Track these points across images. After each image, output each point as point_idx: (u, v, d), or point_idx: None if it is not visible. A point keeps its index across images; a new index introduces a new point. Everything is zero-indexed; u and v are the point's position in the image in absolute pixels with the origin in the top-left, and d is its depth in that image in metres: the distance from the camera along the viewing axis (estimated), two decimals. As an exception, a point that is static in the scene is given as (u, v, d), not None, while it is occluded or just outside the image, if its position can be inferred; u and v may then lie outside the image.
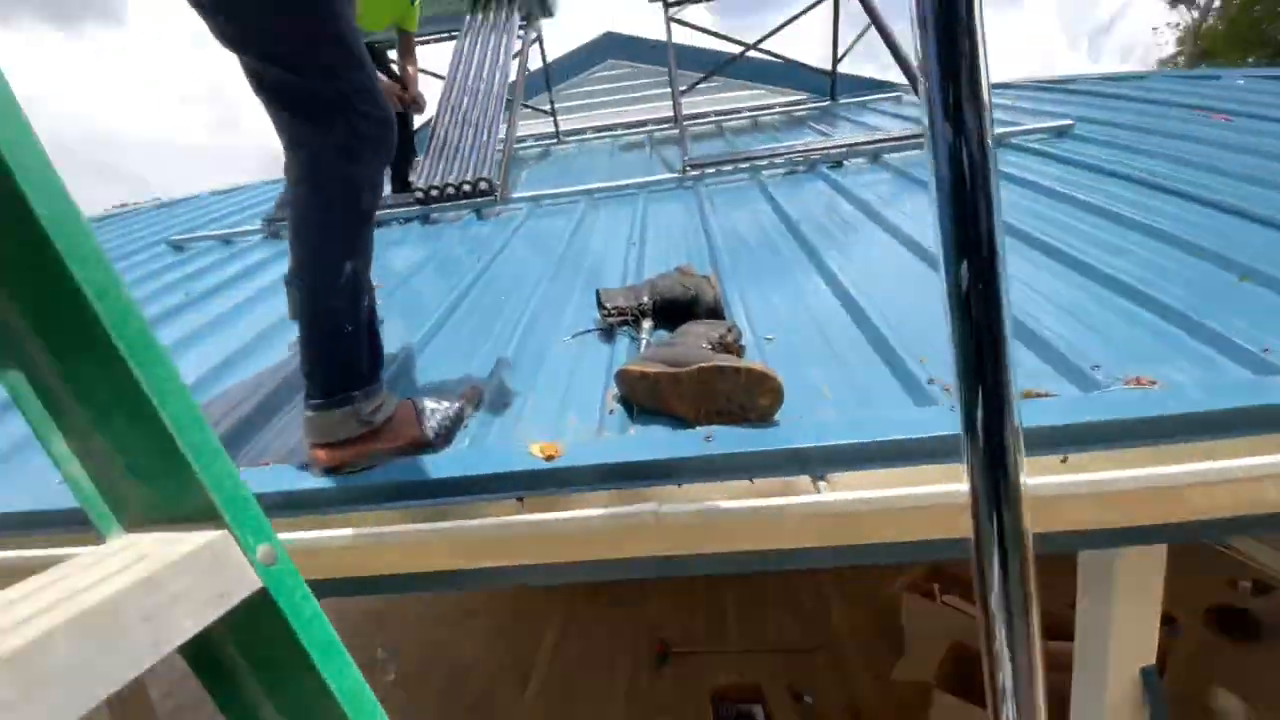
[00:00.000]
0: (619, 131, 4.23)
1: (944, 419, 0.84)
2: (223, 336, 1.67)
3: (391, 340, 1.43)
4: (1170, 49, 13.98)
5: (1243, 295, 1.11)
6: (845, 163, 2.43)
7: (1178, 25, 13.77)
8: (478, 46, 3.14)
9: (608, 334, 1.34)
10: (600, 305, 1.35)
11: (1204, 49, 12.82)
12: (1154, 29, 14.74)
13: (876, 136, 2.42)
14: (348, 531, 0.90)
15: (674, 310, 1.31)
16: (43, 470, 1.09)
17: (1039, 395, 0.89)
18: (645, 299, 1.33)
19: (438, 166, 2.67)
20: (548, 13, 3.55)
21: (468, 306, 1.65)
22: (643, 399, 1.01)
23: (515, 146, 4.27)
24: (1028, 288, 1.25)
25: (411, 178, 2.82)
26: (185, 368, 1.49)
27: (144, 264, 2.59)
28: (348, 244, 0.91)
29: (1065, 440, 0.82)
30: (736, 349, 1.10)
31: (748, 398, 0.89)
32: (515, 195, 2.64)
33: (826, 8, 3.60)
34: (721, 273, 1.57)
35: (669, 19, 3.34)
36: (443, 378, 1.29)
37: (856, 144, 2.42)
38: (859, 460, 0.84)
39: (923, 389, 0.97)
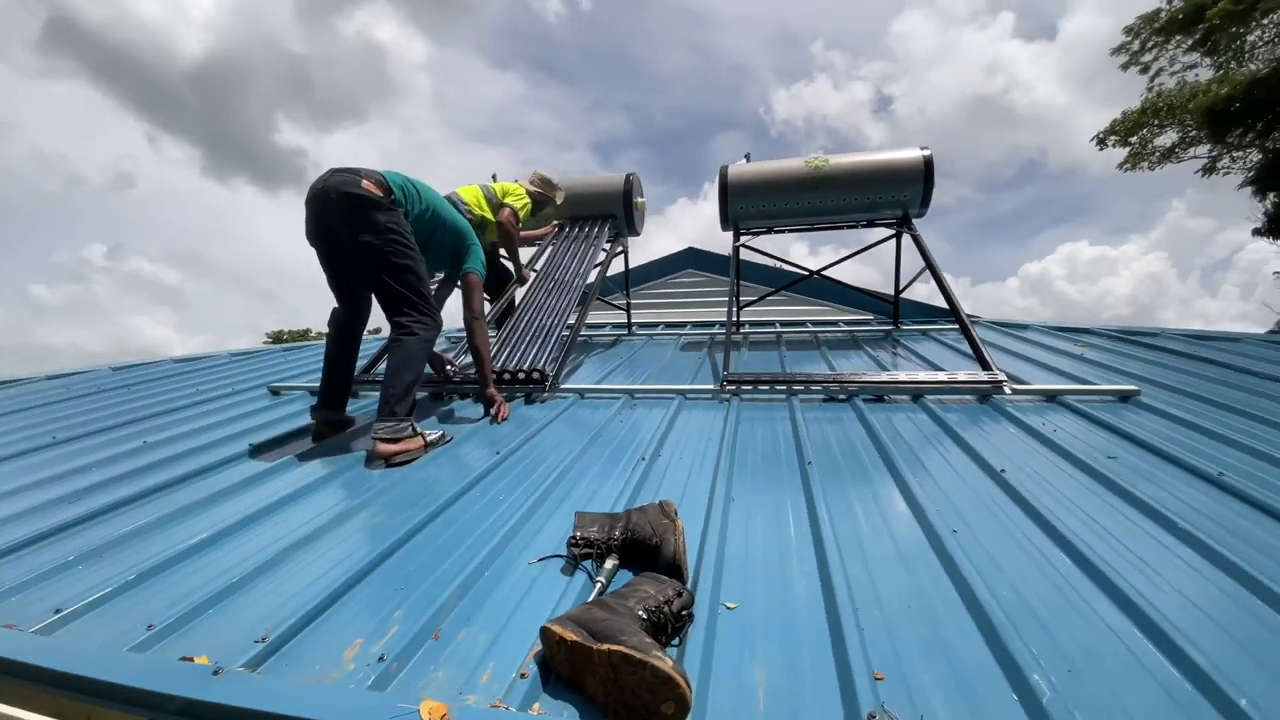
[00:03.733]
0: (686, 331, 4.53)
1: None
2: (244, 500, 1.81)
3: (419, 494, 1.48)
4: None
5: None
6: (886, 398, 2.40)
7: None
8: (565, 253, 3.64)
9: (575, 563, 1.30)
10: (573, 532, 1.33)
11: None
12: (1276, 273, 13.48)
13: (918, 378, 2.40)
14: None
15: (638, 553, 1.26)
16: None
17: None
18: (618, 533, 1.30)
19: (504, 351, 2.96)
20: (634, 232, 4.11)
21: (480, 491, 1.70)
22: (560, 667, 0.93)
23: (591, 333, 4.67)
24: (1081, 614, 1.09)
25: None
26: (215, 520, 1.62)
27: (242, 404, 2.97)
28: (420, 366, 2.17)
29: None
30: (679, 620, 1.02)
31: (651, 700, 0.80)
32: (564, 386, 2.82)
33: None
34: (716, 505, 1.52)
35: (736, 246, 3.73)
36: (435, 550, 1.29)
37: (897, 382, 2.40)
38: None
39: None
